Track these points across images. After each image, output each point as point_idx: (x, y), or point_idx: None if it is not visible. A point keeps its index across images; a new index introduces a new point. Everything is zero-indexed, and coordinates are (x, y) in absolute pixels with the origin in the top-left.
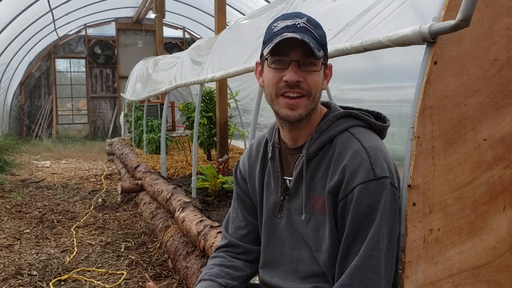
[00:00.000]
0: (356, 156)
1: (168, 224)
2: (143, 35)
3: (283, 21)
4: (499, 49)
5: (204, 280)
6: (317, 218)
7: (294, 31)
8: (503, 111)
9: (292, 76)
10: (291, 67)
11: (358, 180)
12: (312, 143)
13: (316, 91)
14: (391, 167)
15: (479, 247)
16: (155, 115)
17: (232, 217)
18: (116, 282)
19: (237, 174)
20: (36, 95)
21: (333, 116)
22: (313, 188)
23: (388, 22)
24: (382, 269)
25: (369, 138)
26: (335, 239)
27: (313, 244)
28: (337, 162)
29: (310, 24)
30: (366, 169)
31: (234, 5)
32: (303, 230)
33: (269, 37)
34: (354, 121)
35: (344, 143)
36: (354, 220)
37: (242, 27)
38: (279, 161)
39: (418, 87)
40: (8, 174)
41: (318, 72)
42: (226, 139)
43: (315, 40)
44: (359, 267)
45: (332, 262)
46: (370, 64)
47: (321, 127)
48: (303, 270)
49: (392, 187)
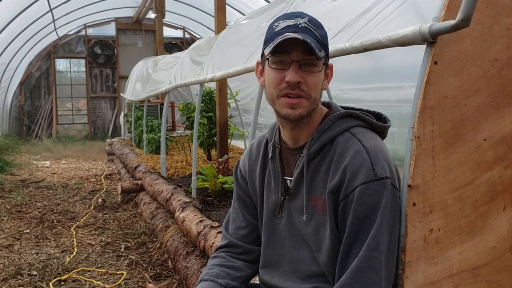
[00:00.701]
0: (357, 157)
1: (168, 224)
2: (143, 35)
3: (285, 20)
4: (500, 49)
5: (204, 281)
6: (317, 218)
7: (295, 31)
8: (503, 111)
9: (293, 76)
10: (292, 67)
11: (359, 181)
12: (313, 143)
13: (316, 92)
14: (392, 167)
15: (479, 247)
16: (155, 115)
17: (232, 217)
18: (116, 282)
19: (238, 174)
20: (36, 95)
21: (334, 116)
22: (313, 188)
23: (388, 22)
24: (382, 269)
25: (370, 138)
26: (335, 239)
27: (313, 244)
28: (338, 162)
29: (311, 24)
30: (367, 170)
31: (234, 5)
32: (303, 230)
33: (270, 37)
34: (355, 121)
35: (345, 143)
36: (355, 220)
37: (242, 27)
38: (279, 161)
39: (418, 87)
40: (8, 174)
41: (319, 72)
42: (226, 139)
43: (316, 40)
44: (359, 267)
45: (332, 262)
46: (370, 64)
47: (322, 127)
48: (303, 270)
49: (393, 187)
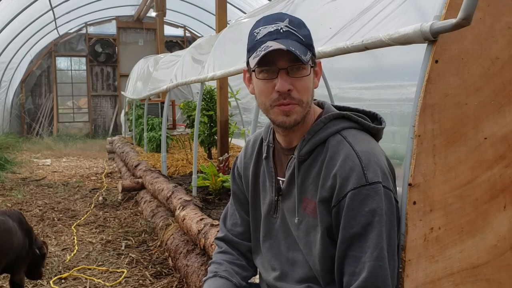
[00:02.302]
0: (347, 161)
1: (168, 222)
2: (143, 33)
3: (265, 26)
4: (500, 47)
5: (220, 278)
6: (308, 221)
7: (277, 38)
8: (504, 110)
9: (283, 85)
10: (280, 75)
11: (350, 186)
12: (303, 144)
13: (307, 96)
14: (384, 170)
15: (479, 246)
16: (156, 113)
17: (229, 213)
18: (117, 280)
19: (234, 171)
20: (37, 93)
21: (325, 118)
22: (304, 190)
23: (389, 20)
24: (388, 276)
25: (362, 141)
26: (326, 244)
27: (303, 247)
28: (329, 166)
29: (292, 25)
30: (357, 175)
31: (235, 3)
32: (295, 232)
33: (253, 46)
34: (347, 123)
35: (336, 146)
36: (347, 225)
37: (243, 25)
38: (272, 161)
39: (419, 85)
40: (9, 172)
41: (308, 76)
42: (226, 138)
43: (300, 43)
44: (366, 278)
45: (323, 267)
46: (371, 62)
47: (313, 129)
48: (298, 271)
49: (386, 190)
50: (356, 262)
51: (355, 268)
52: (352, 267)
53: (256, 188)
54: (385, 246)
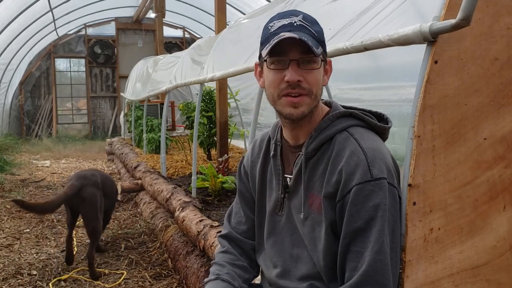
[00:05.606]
0: (353, 157)
1: (168, 223)
2: (143, 34)
3: (279, 20)
4: (500, 48)
5: (222, 281)
6: (313, 217)
7: (291, 30)
8: (503, 111)
9: (293, 75)
10: (291, 66)
11: (355, 181)
12: (311, 141)
13: (317, 89)
14: (390, 167)
15: (479, 246)
16: (155, 114)
17: (234, 211)
18: (116, 281)
19: (241, 170)
20: (36, 95)
21: (332, 115)
22: (311, 187)
23: (389, 21)
24: (389, 271)
25: (368, 138)
26: (330, 240)
27: (308, 243)
28: (335, 162)
29: (306, 21)
30: (363, 170)
31: (235, 4)
32: (301, 228)
33: (266, 38)
34: (354, 120)
35: (342, 143)
36: (350, 220)
37: (242, 26)
38: (280, 159)
39: (418, 86)
40: (8, 174)
41: (318, 69)
42: (226, 139)
43: (312, 37)
44: (366, 272)
45: (327, 262)
46: (371, 63)
47: (320, 126)
48: (301, 268)
49: (390, 187)
50: (358, 257)
51: (356, 263)
52: (354, 262)
53: (263, 186)
54: (386, 241)
